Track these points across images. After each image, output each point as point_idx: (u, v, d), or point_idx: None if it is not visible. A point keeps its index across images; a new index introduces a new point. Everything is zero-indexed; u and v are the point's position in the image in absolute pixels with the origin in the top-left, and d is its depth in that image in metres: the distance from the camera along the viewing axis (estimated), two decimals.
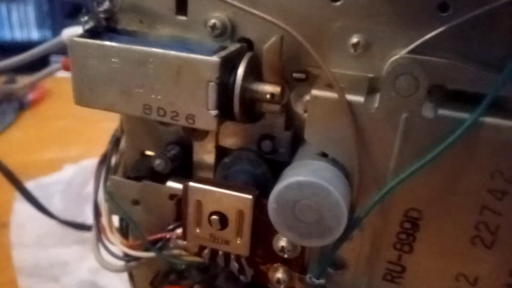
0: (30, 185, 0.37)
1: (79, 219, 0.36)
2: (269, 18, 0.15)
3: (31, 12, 1.14)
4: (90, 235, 0.22)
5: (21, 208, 0.37)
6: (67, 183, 0.39)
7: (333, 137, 0.14)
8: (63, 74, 0.30)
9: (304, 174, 0.13)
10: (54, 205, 0.37)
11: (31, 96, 0.59)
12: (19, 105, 0.58)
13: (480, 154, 0.13)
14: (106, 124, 0.23)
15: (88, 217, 0.38)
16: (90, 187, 0.40)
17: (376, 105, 0.14)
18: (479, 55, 0.14)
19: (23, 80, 0.50)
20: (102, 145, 0.22)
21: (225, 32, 0.16)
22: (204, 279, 0.20)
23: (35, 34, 1.16)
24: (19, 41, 1.15)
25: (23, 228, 0.36)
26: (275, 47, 0.15)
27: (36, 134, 0.55)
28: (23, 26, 1.15)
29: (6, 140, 0.53)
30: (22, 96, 0.58)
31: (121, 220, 0.21)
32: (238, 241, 0.16)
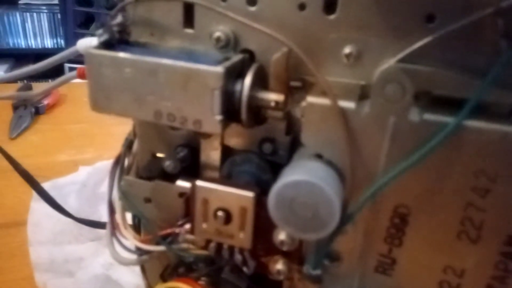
0: (46, 185, 0.39)
1: (93, 218, 0.37)
2: (268, 31, 0.16)
3: (44, 21, 1.18)
4: (105, 232, 0.23)
5: (37, 207, 0.39)
6: (81, 184, 0.41)
7: (327, 140, 0.15)
8: (77, 80, 0.31)
9: (301, 173, 0.15)
10: (69, 205, 0.39)
11: (46, 101, 0.61)
12: (35, 110, 0.60)
13: (464, 154, 0.14)
14: (118, 128, 0.24)
15: (101, 216, 0.40)
16: (103, 188, 0.43)
17: (366, 110, 0.15)
18: (464, 63, 0.15)
19: (39, 87, 0.52)
20: (114, 148, 0.24)
21: (229, 44, 0.18)
22: (210, 271, 0.21)
23: (48, 42, 1.20)
24: (33, 49, 1.19)
25: (39, 226, 0.38)
26: (282, 59, 0.16)
27: (51, 137, 0.57)
28: (37, 34, 1.19)
29: (23, 144, 0.55)
30: (38, 101, 0.61)
31: (134, 216, 0.22)
32: (241, 235, 0.17)
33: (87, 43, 0.24)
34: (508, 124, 0.14)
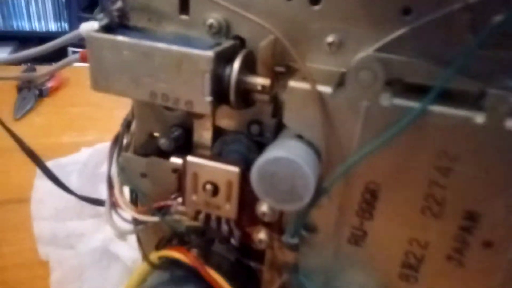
0: (49, 164, 0.40)
1: (93, 196, 0.39)
2: (256, 19, 0.17)
3: (48, 4, 1.19)
4: (105, 206, 0.25)
5: (41, 185, 0.41)
6: (83, 164, 0.43)
7: (306, 121, 0.17)
8: (80, 64, 0.32)
9: (281, 151, 0.16)
10: (71, 183, 0.40)
11: (49, 84, 0.63)
12: (39, 92, 0.62)
13: (429, 136, 0.16)
14: (119, 112, 0.26)
15: (101, 194, 0.42)
16: (104, 168, 0.44)
17: (342, 95, 0.16)
18: (435, 53, 0.16)
19: (42, 70, 0.53)
20: (115, 130, 0.25)
21: (221, 30, 0.19)
22: (202, 244, 0.23)
23: (52, 26, 1.21)
24: (37, 32, 1.20)
25: (42, 203, 0.40)
26: (268, 46, 0.18)
27: (54, 119, 0.59)
28: (41, 18, 1.20)
29: (27, 125, 0.57)
30: (42, 84, 0.62)
31: (131, 191, 0.24)
32: (227, 206, 0.19)
33: (89, 27, 0.25)
34: (469, 110, 0.15)
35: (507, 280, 0.17)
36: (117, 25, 0.20)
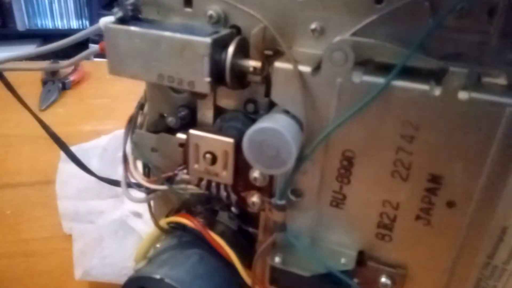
0: (72, 149, 0.44)
1: (112, 178, 0.43)
2: (248, 10, 0.20)
3: (70, 3, 1.24)
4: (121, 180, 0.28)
5: (64, 167, 0.45)
6: (103, 148, 0.46)
7: (290, 97, 0.19)
8: (100, 59, 0.36)
9: (267, 122, 0.19)
10: (92, 166, 0.44)
11: (72, 77, 0.67)
12: (62, 85, 0.66)
13: (394, 108, 0.18)
14: (136, 103, 0.29)
15: (120, 176, 0.45)
16: (122, 152, 0.47)
17: (319, 73, 0.19)
18: (402, 36, 0.19)
19: (65, 63, 0.57)
20: None
21: (220, 20, 0.22)
22: (207, 214, 0.26)
23: (74, 23, 1.26)
24: (59, 30, 1.26)
25: (66, 184, 0.44)
26: (259, 33, 0.20)
27: (77, 110, 0.63)
28: (63, 16, 1.26)
29: (51, 115, 0.61)
30: (65, 77, 0.67)
31: (144, 166, 0.27)
32: (224, 173, 0.22)
33: (107, 20, 0.28)
34: (428, 84, 0.17)
35: (469, 236, 0.19)
36: (131, 17, 0.23)
